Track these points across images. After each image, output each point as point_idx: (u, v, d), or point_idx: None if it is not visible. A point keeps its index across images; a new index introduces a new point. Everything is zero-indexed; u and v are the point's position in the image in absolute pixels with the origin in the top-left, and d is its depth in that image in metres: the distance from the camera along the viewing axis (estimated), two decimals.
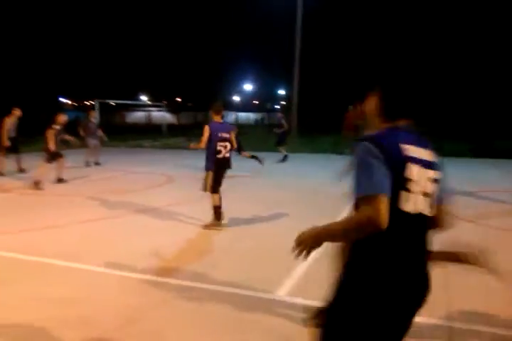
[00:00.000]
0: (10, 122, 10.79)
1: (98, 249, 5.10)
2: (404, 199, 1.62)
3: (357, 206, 1.59)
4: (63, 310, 3.48)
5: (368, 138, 1.67)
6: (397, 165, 1.61)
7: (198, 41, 55.52)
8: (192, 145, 6.21)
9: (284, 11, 30.20)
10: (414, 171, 1.64)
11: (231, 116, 47.68)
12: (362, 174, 1.60)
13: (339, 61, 45.13)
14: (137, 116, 56.47)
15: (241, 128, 15.05)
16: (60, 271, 4.43)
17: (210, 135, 5.77)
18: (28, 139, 16.19)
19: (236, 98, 63.69)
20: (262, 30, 51.04)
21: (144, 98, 54.02)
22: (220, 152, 5.84)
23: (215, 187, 5.89)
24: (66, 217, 6.57)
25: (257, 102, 64.98)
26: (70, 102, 77.68)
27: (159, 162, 13.96)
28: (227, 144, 5.92)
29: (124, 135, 25.18)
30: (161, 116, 38.60)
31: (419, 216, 1.67)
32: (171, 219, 6.46)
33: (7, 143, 10.67)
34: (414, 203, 1.64)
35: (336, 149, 16.92)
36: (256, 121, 55.07)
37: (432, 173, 1.71)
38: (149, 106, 46.21)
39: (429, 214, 1.72)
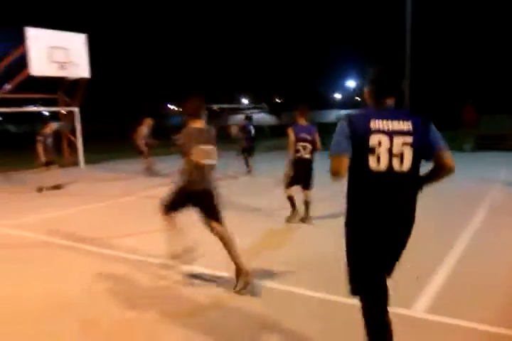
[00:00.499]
0: (144, 131, 12.17)
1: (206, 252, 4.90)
2: (371, 160, 2.35)
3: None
4: None
5: (345, 116, 2.47)
6: (362, 135, 2.36)
7: (297, 39, 55.16)
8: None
9: (390, 4, 28.80)
10: (375, 140, 2.35)
11: (330, 115, 46.49)
12: (332, 142, 2.43)
13: (450, 55, 42.01)
14: (238, 118, 57.71)
15: None
16: None
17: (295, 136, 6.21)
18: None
19: (337, 95, 62.51)
20: (366, 25, 49.35)
21: (244, 101, 55.18)
22: (298, 151, 6.19)
23: (289, 183, 6.38)
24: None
25: (359, 99, 63.02)
26: (175, 108, 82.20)
27: (266, 165, 13.74)
28: (307, 145, 6.20)
29: (227, 138, 25.54)
30: (262, 117, 38.95)
31: (389, 172, 2.36)
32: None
33: (144, 148, 12.18)
34: (380, 163, 2.35)
35: (453, 145, 15.60)
36: None
37: (402, 139, 2.36)
38: (250, 108, 47.05)
39: (401, 170, 2.37)
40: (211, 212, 4.21)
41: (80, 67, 13.90)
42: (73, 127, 15.40)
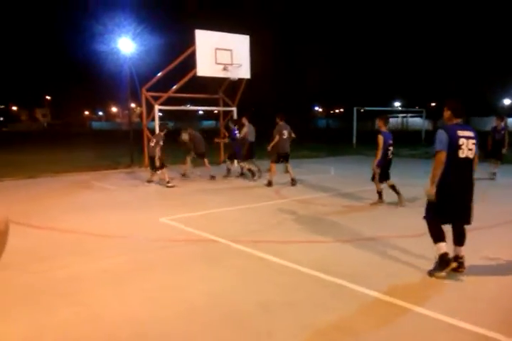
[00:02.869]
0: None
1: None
2: (460, 152, 4.49)
3: (435, 155, 4.54)
4: None
5: (441, 128, 4.62)
6: (455, 139, 4.50)
7: (460, 41, 50.67)
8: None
9: None
10: (461, 141, 4.50)
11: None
12: (436, 142, 4.56)
13: None
14: (390, 122, 54.82)
15: None
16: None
17: (384, 142, 8.03)
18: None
19: (507, 101, 55.94)
20: None
21: (396, 104, 52.47)
22: (387, 154, 8.16)
23: (379, 178, 8.30)
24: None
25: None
26: (321, 110, 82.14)
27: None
28: (392, 148, 8.24)
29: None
30: (419, 122, 36.40)
31: (467, 158, 4.54)
32: None
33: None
34: (463, 153, 4.51)
35: None
36: None
37: (471, 141, 4.56)
38: (403, 112, 44.45)
39: (471, 157, 4.58)
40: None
41: (242, 68, 14.13)
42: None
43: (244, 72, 14.29)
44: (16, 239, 6.21)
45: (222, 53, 13.65)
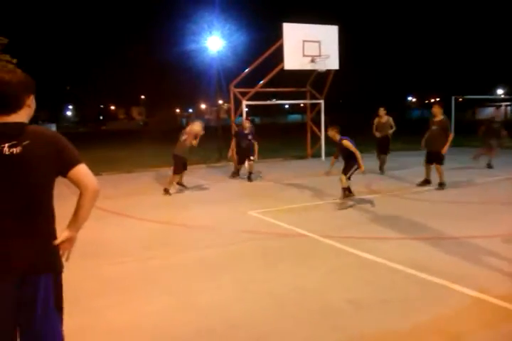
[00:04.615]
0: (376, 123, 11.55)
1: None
2: None
3: None
4: None
5: None
6: None
7: None
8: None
9: None
10: None
11: None
12: None
13: None
14: (490, 112, 50.95)
15: None
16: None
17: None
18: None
19: None
20: None
21: (500, 91, 48.44)
22: None
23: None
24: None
25: None
26: (415, 100, 78.14)
27: None
28: None
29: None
30: None
31: None
32: None
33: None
34: None
35: None
36: None
37: None
38: (508, 100, 40.90)
39: None
40: None
41: (330, 59, 13.81)
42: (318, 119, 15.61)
43: (332, 63, 13.96)
44: (114, 230, 6.60)
45: (310, 45, 13.42)
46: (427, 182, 9.34)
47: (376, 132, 11.43)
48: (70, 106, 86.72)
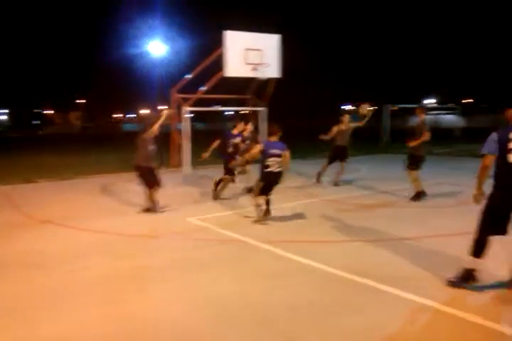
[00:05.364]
0: (337, 130, 10.72)
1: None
2: (509, 156, 4.00)
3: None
4: None
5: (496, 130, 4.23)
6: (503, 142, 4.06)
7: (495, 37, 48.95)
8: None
9: None
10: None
11: None
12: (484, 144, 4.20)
13: None
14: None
15: None
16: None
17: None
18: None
19: None
20: None
21: (430, 101, 51.23)
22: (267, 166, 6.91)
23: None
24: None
25: None
26: (350, 107, 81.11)
27: (460, 172, 12.21)
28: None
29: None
30: (451, 119, 35.51)
31: None
32: None
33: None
34: None
35: None
36: None
37: None
38: (437, 109, 43.34)
39: None
40: None
41: (271, 68, 14.07)
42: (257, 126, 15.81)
43: (273, 71, 14.23)
44: (50, 240, 6.37)
45: (252, 53, 13.61)
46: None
47: (336, 139, 10.81)
48: (6, 110, 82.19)
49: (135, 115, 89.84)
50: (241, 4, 39.06)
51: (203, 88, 14.34)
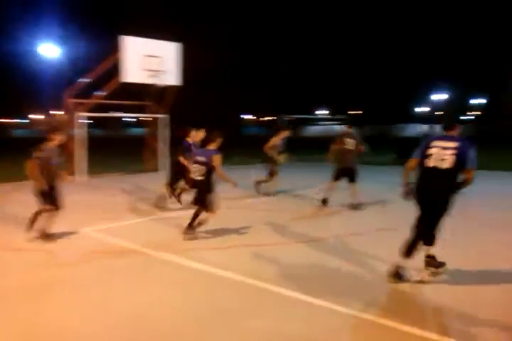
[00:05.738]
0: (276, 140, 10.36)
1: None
2: (427, 161, 4.58)
3: None
4: None
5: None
6: (426, 148, 4.63)
7: (380, 50, 53.40)
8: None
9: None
10: (432, 150, 4.56)
11: (415, 129, 43.92)
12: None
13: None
14: (316, 130, 56.78)
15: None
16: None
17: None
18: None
19: (425, 109, 59.84)
20: (457, 36, 47.09)
21: (323, 112, 54.41)
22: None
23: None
24: None
25: (441, 113, 60.29)
26: (252, 118, 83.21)
27: None
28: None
29: (304, 150, 25.04)
30: (341, 129, 37.87)
31: (435, 168, 4.50)
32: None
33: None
34: (431, 162, 4.54)
35: None
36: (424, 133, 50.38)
37: (448, 151, 4.46)
38: (328, 119, 46.19)
39: (442, 167, 4.48)
40: None
41: (170, 75, 14.03)
42: (157, 133, 15.63)
43: (172, 78, 14.20)
44: None
45: (151, 60, 13.47)
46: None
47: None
48: None
49: (28, 120, 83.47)
50: (142, 12, 38.21)
51: (100, 93, 13.85)
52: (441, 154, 4.44)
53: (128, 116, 30.73)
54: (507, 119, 47.83)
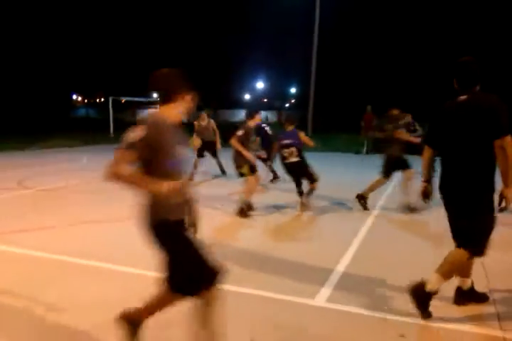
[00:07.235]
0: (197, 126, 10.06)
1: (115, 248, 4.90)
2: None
3: None
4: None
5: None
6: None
7: (205, 40, 54.75)
8: None
9: (299, 8, 30.07)
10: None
11: (241, 114, 47.16)
12: None
13: (355, 60, 44.69)
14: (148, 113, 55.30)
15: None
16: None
17: None
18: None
19: (247, 96, 63.62)
20: (276, 28, 50.68)
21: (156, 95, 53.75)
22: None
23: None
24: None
25: (265, 100, 64.77)
26: (80, 98, 77.33)
27: None
28: None
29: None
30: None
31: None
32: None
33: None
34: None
35: (350, 148, 17.00)
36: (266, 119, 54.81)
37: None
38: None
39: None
40: None
41: None
42: None
43: None
44: None
45: None
46: None
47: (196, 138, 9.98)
48: None
49: None
50: None
51: None
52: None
53: None
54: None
